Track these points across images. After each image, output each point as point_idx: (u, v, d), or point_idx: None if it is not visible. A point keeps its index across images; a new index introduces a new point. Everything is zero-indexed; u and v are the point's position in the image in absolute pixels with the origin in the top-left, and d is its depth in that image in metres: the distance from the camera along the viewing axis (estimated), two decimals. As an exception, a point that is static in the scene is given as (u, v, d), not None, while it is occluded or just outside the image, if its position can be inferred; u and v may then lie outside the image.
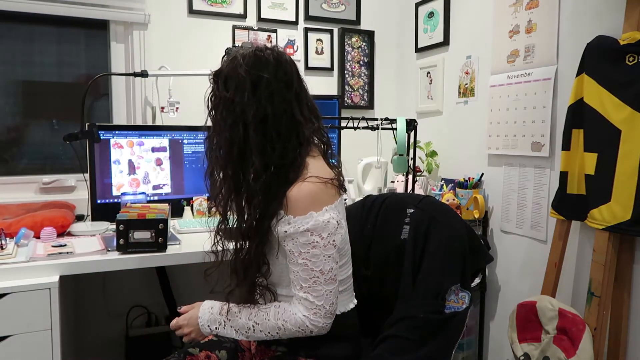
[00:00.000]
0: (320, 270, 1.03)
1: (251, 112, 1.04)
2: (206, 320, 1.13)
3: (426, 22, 2.47)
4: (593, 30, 1.59)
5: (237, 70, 1.06)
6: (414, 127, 1.92)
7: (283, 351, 1.15)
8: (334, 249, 1.05)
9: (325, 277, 1.04)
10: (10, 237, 1.52)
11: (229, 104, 1.06)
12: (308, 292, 1.04)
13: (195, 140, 2.06)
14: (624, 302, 1.52)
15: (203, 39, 2.30)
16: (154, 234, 1.42)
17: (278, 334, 1.07)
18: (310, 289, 1.04)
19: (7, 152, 2.10)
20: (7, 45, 2.07)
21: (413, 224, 1.26)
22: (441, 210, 1.28)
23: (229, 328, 1.11)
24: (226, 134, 1.07)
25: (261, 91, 1.05)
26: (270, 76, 1.05)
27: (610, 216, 1.47)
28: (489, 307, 2.12)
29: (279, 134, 1.06)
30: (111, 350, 2.18)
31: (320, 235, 1.02)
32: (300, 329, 1.05)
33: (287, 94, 1.07)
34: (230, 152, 1.07)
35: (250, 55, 1.07)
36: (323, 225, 1.02)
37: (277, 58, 1.08)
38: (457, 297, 1.16)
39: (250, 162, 1.05)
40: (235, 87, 1.05)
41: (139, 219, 1.40)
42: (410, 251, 1.23)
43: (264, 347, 1.19)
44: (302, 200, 1.02)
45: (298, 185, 1.04)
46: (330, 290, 1.05)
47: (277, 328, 1.07)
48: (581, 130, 1.58)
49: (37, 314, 1.28)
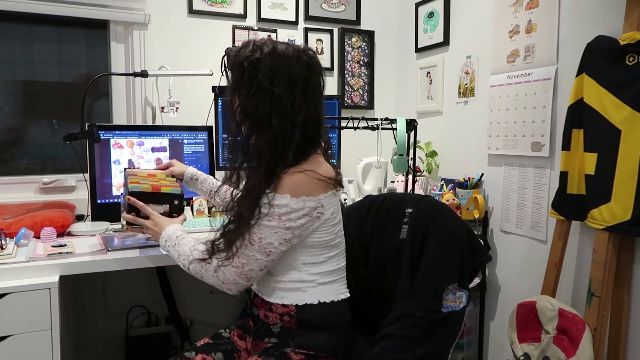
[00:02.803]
0: (260, 238, 1.09)
1: (294, 109, 1.10)
2: (166, 235, 1.25)
3: (426, 22, 2.47)
4: (593, 30, 1.59)
5: (290, 67, 1.10)
6: (414, 127, 1.92)
7: (274, 342, 1.16)
8: (287, 231, 1.09)
9: (259, 246, 1.09)
10: (10, 237, 1.52)
11: (274, 98, 1.09)
12: (241, 248, 1.11)
13: (195, 140, 2.06)
14: (624, 302, 1.52)
15: (203, 39, 2.30)
16: (168, 210, 1.36)
17: (200, 273, 1.16)
18: (243, 247, 1.11)
19: (7, 152, 2.11)
20: (7, 45, 2.07)
21: (412, 224, 1.27)
22: (440, 210, 1.29)
23: (175, 251, 1.22)
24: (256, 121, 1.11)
25: (309, 93, 1.12)
26: (315, 79, 1.14)
27: (610, 216, 1.47)
28: (489, 307, 2.12)
29: (306, 131, 1.12)
30: (111, 350, 2.18)
31: (280, 217, 1.08)
32: (213, 274, 1.13)
33: (321, 96, 1.17)
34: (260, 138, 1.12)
35: (298, 55, 1.12)
36: (288, 210, 1.08)
37: (318, 61, 1.17)
38: (454, 297, 1.17)
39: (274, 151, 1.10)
40: (285, 84, 1.09)
41: (153, 192, 1.33)
42: (409, 251, 1.24)
43: (257, 340, 1.21)
44: (287, 184, 1.08)
45: (292, 172, 1.09)
46: (256, 258, 1.10)
47: (201, 268, 1.15)
48: (581, 130, 1.58)
49: (37, 314, 1.28)
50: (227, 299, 2.28)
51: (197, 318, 2.29)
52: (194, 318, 2.29)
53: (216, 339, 1.27)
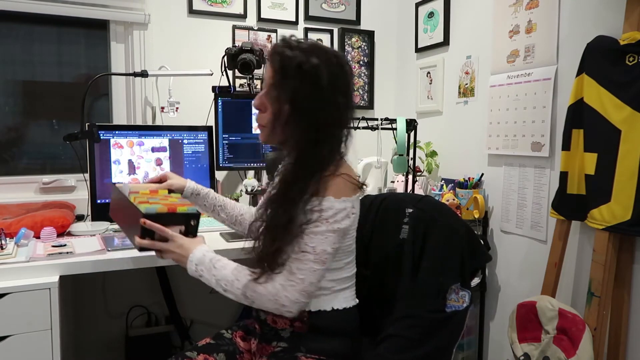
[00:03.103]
0: (313, 247, 1.05)
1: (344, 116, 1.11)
2: (196, 259, 1.12)
3: (426, 22, 2.47)
4: (593, 30, 1.59)
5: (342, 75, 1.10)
6: (414, 127, 1.92)
7: (283, 347, 1.15)
8: (335, 234, 1.06)
9: (315, 256, 1.05)
10: (10, 237, 1.51)
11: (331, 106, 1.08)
12: (293, 263, 1.05)
13: (195, 140, 2.06)
14: (624, 302, 1.52)
15: (203, 39, 2.30)
16: (184, 232, 1.20)
17: (252, 298, 1.07)
18: (297, 261, 1.05)
19: (7, 152, 2.11)
20: (7, 45, 2.07)
21: (412, 224, 1.27)
22: (440, 210, 1.29)
23: (211, 276, 1.11)
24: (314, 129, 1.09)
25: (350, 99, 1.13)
26: (352, 85, 1.17)
27: (610, 216, 1.47)
28: (489, 307, 2.12)
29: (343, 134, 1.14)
30: (111, 350, 2.18)
31: (327, 220, 1.05)
32: (272, 298, 1.05)
33: None
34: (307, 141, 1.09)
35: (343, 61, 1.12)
36: (334, 212, 1.05)
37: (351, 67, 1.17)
38: (457, 296, 1.17)
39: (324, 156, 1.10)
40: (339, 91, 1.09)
41: (169, 212, 1.17)
42: (409, 251, 1.24)
43: (264, 344, 1.19)
44: (329, 187, 1.06)
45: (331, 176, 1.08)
46: (315, 269, 1.05)
47: (252, 291, 1.07)
48: (581, 130, 1.58)
49: (37, 314, 1.28)
50: (227, 299, 2.27)
51: (197, 318, 2.29)
52: (194, 318, 2.29)
53: (218, 339, 1.26)
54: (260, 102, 1.12)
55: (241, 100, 2.18)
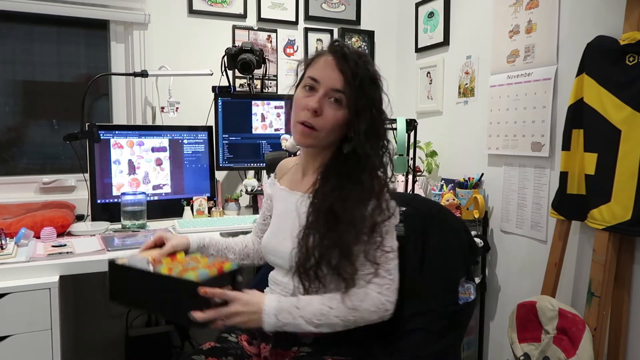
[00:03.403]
0: (390, 245, 1.07)
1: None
2: (273, 309, 1.00)
3: (426, 22, 2.47)
4: (593, 30, 1.59)
5: (378, 79, 1.20)
6: (414, 127, 1.92)
7: (307, 352, 1.12)
8: (395, 231, 1.10)
9: (394, 253, 1.07)
10: (10, 237, 1.51)
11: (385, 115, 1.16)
12: (378, 268, 1.05)
13: (195, 140, 2.07)
14: (624, 302, 1.52)
15: (203, 39, 2.30)
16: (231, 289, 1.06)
17: (354, 318, 1.02)
18: (380, 265, 1.05)
19: (7, 152, 2.11)
20: (7, 45, 2.07)
21: (408, 222, 1.27)
22: (434, 208, 1.33)
23: (299, 318, 1.00)
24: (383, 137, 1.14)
25: None
26: None
27: (610, 216, 1.47)
28: (489, 307, 2.12)
29: None
30: (111, 350, 2.18)
31: (394, 215, 1.10)
32: (377, 309, 1.04)
33: None
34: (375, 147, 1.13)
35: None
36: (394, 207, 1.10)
37: None
38: (463, 289, 1.21)
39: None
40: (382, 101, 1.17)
41: (219, 274, 1.05)
42: (410, 249, 1.24)
43: (280, 349, 1.15)
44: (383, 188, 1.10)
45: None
46: (396, 265, 1.08)
47: (353, 311, 1.01)
48: (581, 130, 1.58)
49: (37, 313, 1.28)
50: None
51: (197, 318, 2.29)
52: (194, 318, 2.28)
53: (223, 342, 1.21)
54: (320, 106, 1.09)
55: (241, 100, 2.18)
